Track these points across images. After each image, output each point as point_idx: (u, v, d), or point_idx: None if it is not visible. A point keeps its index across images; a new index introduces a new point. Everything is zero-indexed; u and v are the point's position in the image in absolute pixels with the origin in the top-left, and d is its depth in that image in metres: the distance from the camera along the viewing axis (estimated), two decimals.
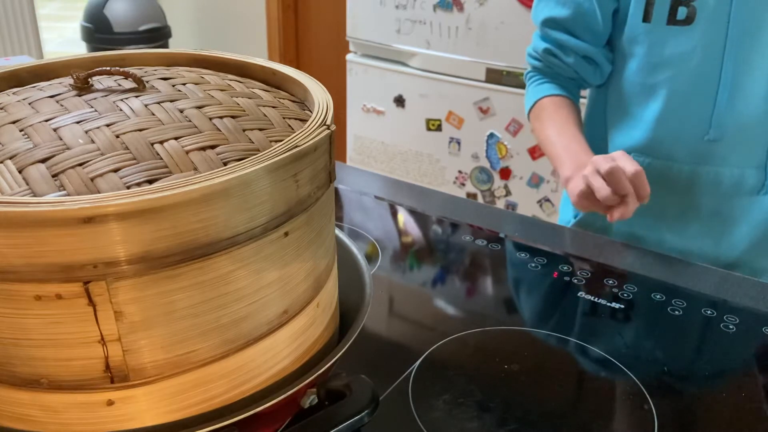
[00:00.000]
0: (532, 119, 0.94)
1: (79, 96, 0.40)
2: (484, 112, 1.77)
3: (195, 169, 0.35)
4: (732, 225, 0.86)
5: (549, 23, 0.89)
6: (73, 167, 0.34)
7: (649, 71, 0.83)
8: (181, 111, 0.39)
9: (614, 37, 0.87)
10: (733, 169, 0.83)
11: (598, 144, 0.93)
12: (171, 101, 0.40)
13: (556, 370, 0.58)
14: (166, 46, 2.73)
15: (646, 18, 0.81)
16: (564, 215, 1.03)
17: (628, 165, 0.70)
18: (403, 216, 0.86)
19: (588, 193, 0.73)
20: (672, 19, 0.79)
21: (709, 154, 0.82)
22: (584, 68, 0.89)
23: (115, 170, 0.34)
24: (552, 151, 0.87)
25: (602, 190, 0.70)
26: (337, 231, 0.52)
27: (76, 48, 4.35)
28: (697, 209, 0.86)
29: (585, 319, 0.66)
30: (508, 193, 1.81)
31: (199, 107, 0.40)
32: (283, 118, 0.41)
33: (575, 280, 0.72)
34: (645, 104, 0.85)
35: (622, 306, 0.68)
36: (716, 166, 0.83)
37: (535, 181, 1.76)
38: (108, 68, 0.42)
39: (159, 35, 2.66)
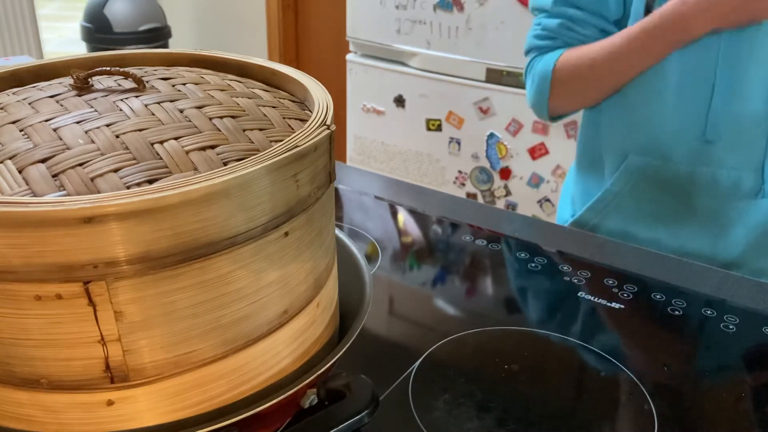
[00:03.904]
0: (562, 67, 0.86)
1: (79, 96, 0.40)
2: (484, 112, 1.77)
3: (195, 169, 0.35)
4: (729, 227, 0.86)
5: (561, 1, 0.86)
6: (73, 167, 0.34)
7: (692, 39, 0.81)
8: (181, 111, 0.39)
9: (623, 26, 0.85)
10: (730, 171, 0.83)
11: (594, 144, 0.93)
12: (171, 101, 0.40)
13: (556, 370, 0.58)
14: (166, 46, 2.73)
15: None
16: (562, 214, 1.03)
17: None
18: (403, 216, 0.86)
19: None
20: None
21: (707, 155, 0.82)
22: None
23: (115, 170, 0.34)
24: (632, 30, 0.79)
25: None
26: (337, 231, 0.52)
27: (76, 48, 4.35)
28: (694, 210, 0.86)
29: (585, 319, 0.66)
30: (508, 193, 1.81)
31: (199, 107, 0.40)
32: (283, 118, 0.41)
33: (575, 280, 0.72)
34: (642, 103, 0.85)
35: (622, 306, 0.68)
36: (713, 168, 0.83)
37: (535, 181, 1.76)
38: (108, 68, 0.42)
39: (159, 35, 2.66)
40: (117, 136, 0.36)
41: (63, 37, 4.86)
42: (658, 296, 0.70)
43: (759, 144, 0.81)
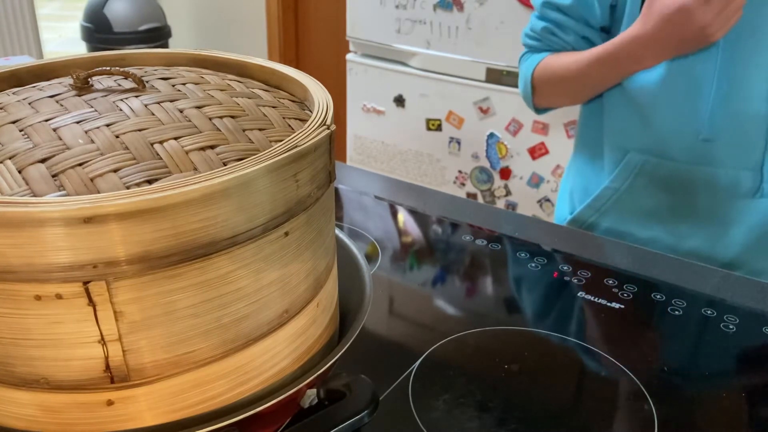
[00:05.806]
0: (538, 76, 0.92)
1: (79, 96, 0.40)
2: (484, 112, 1.77)
3: (195, 169, 0.35)
4: (727, 227, 0.86)
5: (548, 5, 0.89)
6: (72, 167, 0.34)
7: (645, 69, 0.83)
8: (181, 111, 0.39)
9: (613, 33, 0.86)
10: (729, 170, 0.82)
11: (595, 139, 0.93)
12: (171, 101, 0.40)
13: (556, 370, 0.58)
14: (166, 46, 2.73)
15: None
16: (560, 209, 1.03)
17: None
18: (403, 216, 0.86)
19: None
20: None
21: (705, 154, 0.82)
22: (582, 47, 0.89)
23: (115, 170, 0.34)
24: (593, 54, 0.84)
25: None
26: (337, 231, 0.52)
27: (76, 48, 4.35)
28: (693, 209, 0.86)
29: (585, 319, 0.66)
30: (508, 193, 1.81)
31: (199, 107, 0.40)
32: (283, 118, 0.41)
33: (575, 280, 0.72)
34: (641, 101, 0.85)
35: (622, 306, 0.68)
36: (712, 167, 0.83)
37: (535, 181, 1.76)
38: (108, 68, 0.42)
39: (159, 35, 2.67)
40: (117, 136, 0.36)
41: (63, 37, 4.86)
42: (658, 296, 0.70)
43: (758, 143, 0.81)
